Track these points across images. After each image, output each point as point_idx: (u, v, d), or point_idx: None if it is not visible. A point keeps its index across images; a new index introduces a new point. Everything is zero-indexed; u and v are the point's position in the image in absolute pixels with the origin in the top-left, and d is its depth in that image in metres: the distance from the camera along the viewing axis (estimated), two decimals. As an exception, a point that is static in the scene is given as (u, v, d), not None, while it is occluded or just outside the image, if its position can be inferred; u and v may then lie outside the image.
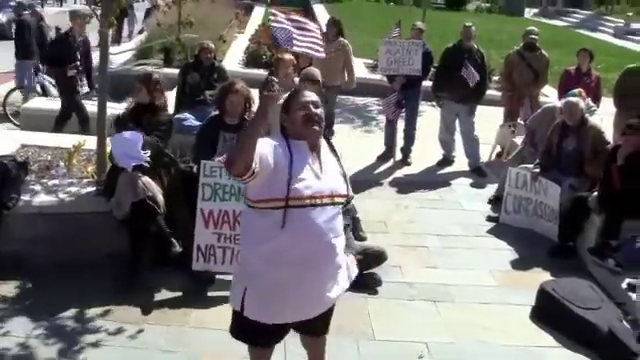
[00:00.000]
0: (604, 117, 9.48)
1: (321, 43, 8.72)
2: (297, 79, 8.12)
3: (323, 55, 8.76)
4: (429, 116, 11.32)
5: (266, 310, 4.03)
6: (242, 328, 4.19)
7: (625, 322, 5.77)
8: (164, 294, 6.11)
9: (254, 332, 4.16)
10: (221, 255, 6.13)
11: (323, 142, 4.11)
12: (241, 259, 4.21)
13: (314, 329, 4.39)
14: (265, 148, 3.77)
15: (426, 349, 5.51)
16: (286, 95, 4.18)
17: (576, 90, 8.98)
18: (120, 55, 15.61)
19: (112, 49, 11.31)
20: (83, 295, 5.90)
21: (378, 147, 10.29)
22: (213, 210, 6.12)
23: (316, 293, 4.10)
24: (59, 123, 10.23)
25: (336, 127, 10.63)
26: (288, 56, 8.98)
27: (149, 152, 6.16)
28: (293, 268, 3.95)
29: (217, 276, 6.25)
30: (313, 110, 3.98)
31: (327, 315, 4.32)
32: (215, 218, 6.14)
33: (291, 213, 3.84)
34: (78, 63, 10.14)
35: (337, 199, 4.01)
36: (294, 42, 8.67)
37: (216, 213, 6.12)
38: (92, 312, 5.71)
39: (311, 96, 4.05)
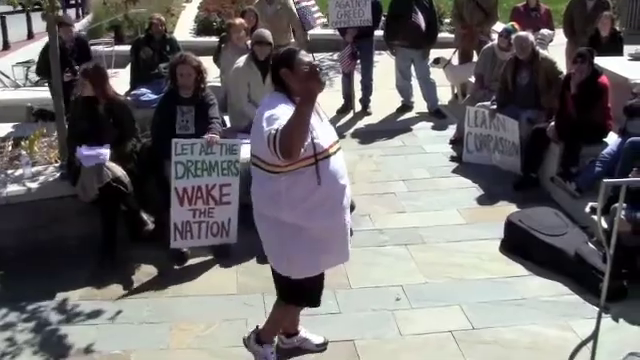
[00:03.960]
0: (552, 48, 9.59)
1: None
2: (249, 42, 8.14)
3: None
4: (384, 65, 11.31)
5: (314, 262, 4.28)
6: (295, 291, 4.38)
7: (590, 244, 5.94)
8: (141, 269, 6.14)
9: (307, 291, 4.41)
10: (197, 230, 6.17)
11: None
12: (275, 226, 4.24)
13: None
14: None
15: (402, 291, 5.63)
16: (243, 57, 4.24)
17: (509, 25, 9.13)
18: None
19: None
20: (61, 279, 5.93)
21: (337, 101, 10.33)
22: (187, 187, 6.08)
23: (348, 230, 4.42)
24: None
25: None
26: (239, 20, 9.04)
27: (109, 149, 6.20)
28: (334, 214, 4.21)
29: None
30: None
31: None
32: (189, 195, 6.11)
33: (321, 166, 4.06)
34: (76, 68, 9.25)
35: (337, 143, 4.31)
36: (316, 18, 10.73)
37: (190, 190, 6.09)
38: (72, 295, 5.72)
39: (307, 55, 4.35)
